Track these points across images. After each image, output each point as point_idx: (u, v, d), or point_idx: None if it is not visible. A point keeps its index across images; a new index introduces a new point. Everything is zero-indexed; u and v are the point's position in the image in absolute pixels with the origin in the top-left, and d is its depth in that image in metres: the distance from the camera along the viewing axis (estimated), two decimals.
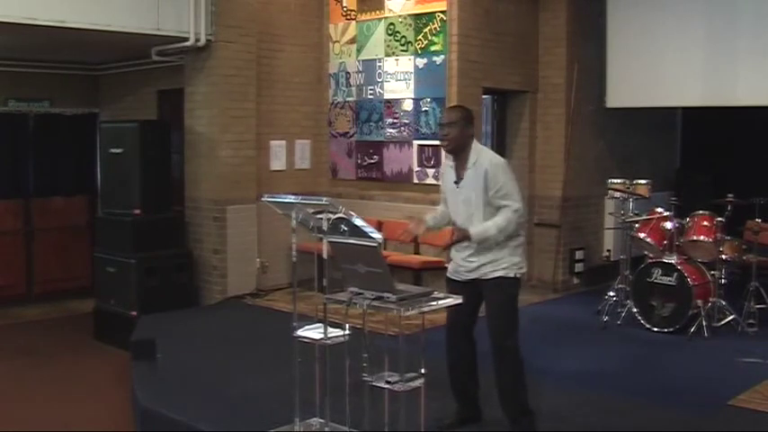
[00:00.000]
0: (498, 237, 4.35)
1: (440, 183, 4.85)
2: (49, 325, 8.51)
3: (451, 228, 4.55)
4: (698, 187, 9.61)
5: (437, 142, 7.23)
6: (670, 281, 6.98)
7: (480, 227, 4.37)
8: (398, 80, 8.48)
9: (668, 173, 10.42)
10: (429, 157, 8.27)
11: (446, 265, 4.72)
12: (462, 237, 4.38)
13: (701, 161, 10.20)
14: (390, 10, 8.53)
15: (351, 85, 8.95)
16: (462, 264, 4.51)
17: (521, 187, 4.63)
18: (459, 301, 4.15)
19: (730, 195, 7.08)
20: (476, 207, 4.42)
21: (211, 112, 8.11)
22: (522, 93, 9.01)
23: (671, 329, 6.91)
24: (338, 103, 9.10)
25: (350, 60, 8.94)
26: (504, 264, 4.41)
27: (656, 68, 8.51)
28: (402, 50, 8.44)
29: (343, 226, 4.01)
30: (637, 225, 7.45)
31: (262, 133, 8.54)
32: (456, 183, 4.52)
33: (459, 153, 4.49)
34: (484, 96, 8.64)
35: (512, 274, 4.43)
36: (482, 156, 4.47)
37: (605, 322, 7.25)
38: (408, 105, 8.40)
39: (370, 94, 8.77)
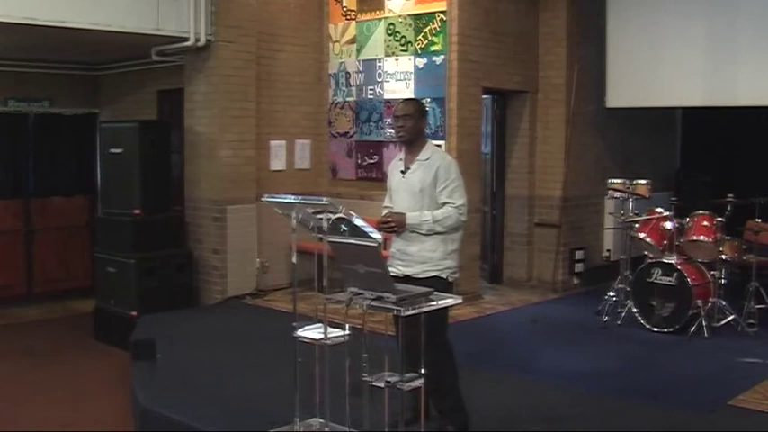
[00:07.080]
0: (434, 227, 4.45)
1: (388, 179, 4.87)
2: (49, 325, 8.50)
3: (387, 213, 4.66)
4: (698, 187, 9.61)
5: (436, 142, 7.25)
6: (670, 281, 6.98)
7: (417, 214, 4.48)
8: (398, 80, 8.48)
9: (668, 173, 10.43)
10: None
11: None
12: (398, 220, 4.48)
13: (701, 161, 10.20)
14: (390, 10, 8.52)
15: (351, 85, 8.94)
16: (400, 257, 4.55)
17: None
18: (459, 300, 4.17)
19: (730, 195, 7.08)
20: (419, 198, 4.51)
21: (211, 112, 8.11)
22: (522, 93, 9.01)
23: (671, 329, 6.91)
24: (338, 103, 9.10)
25: (350, 60, 8.94)
26: (439, 266, 4.50)
27: (656, 68, 8.51)
28: (402, 50, 8.43)
29: (343, 226, 4.01)
30: (637, 225, 7.45)
31: (262, 133, 8.54)
32: (403, 172, 4.62)
33: (412, 145, 4.63)
34: (484, 96, 8.63)
35: (444, 276, 4.52)
36: (435, 155, 4.62)
37: (605, 322, 7.25)
38: None
39: (370, 94, 8.76)
